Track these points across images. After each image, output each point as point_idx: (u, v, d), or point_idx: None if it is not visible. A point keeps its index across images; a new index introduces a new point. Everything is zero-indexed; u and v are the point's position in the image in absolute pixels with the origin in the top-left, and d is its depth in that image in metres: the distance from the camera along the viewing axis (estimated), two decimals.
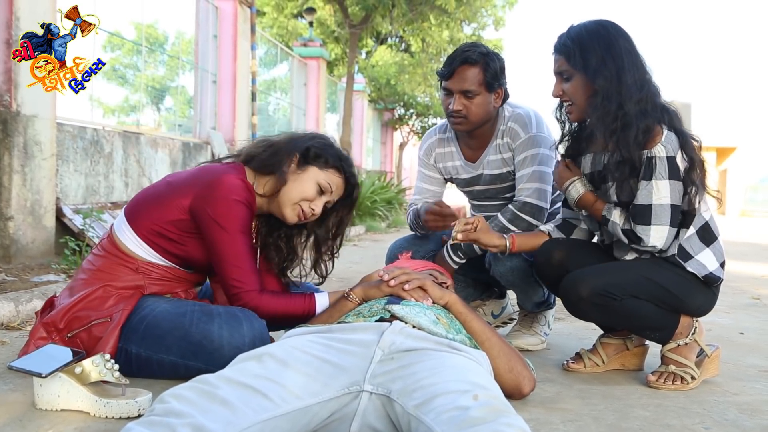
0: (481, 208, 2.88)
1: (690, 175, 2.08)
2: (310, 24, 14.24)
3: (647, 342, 2.41)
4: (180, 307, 2.03)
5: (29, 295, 3.03)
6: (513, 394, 1.84)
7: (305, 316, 2.09)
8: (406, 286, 1.93)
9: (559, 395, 2.06)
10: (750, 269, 6.18)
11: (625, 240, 2.15)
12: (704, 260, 2.15)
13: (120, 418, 1.72)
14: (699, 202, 2.13)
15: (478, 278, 2.93)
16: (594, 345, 2.40)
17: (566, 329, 3.09)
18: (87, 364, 1.74)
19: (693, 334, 2.22)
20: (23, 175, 4.30)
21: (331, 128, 16.68)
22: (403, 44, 19.93)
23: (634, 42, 2.17)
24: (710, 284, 2.18)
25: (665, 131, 2.07)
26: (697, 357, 2.23)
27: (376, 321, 1.74)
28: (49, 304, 2.11)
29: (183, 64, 9.03)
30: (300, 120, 12.51)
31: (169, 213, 2.05)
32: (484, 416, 1.26)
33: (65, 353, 1.82)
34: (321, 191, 2.14)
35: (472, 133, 2.71)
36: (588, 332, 2.98)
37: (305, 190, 2.12)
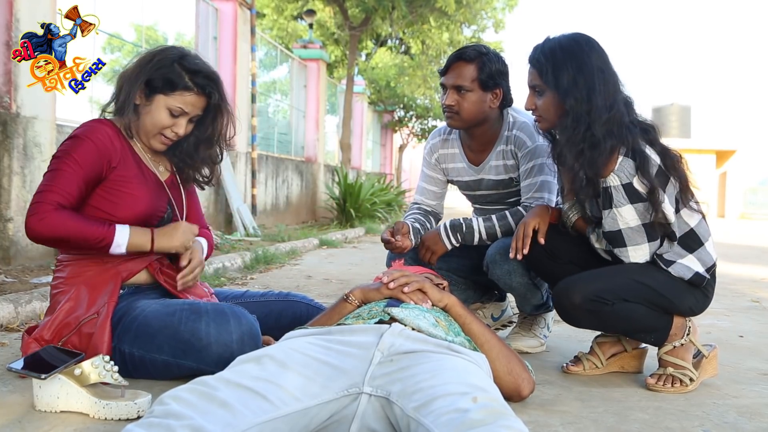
0: (483, 212, 2.88)
1: (654, 195, 2.06)
2: (310, 26, 14.24)
3: (645, 344, 2.41)
4: (169, 306, 2.03)
5: (29, 296, 3.03)
6: (512, 396, 1.84)
7: (98, 245, 2.00)
8: (406, 289, 1.93)
9: (559, 397, 2.06)
10: (749, 272, 6.18)
11: (610, 258, 2.18)
12: (689, 263, 2.16)
13: (119, 419, 1.72)
14: (678, 212, 2.14)
15: (477, 281, 2.93)
16: (591, 346, 2.40)
17: (565, 332, 3.09)
18: (86, 365, 1.74)
19: (687, 334, 2.22)
20: (23, 176, 4.30)
21: (330, 130, 16.68)
22: (403, 46, 19.94)
23: (607, 56, 2.17)
24: (697, 285, 2.18)
25: (620, 158, 2.07)
26: (694, 358, 2.23)
27: (376, 323, 1.74)
28: (32, 331, 2.10)
29: None
30: (300, 122, 12.51)
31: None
32: (484, 418, 1.26)
33: (64, 355, 1.83)
34: (175, 115, 2.11)
35: (472, 134, 2.70)
36: (588, 335, 2.97)
37: (157, 120, 2.10)
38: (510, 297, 3.05)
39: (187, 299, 2.12)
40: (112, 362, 1.77)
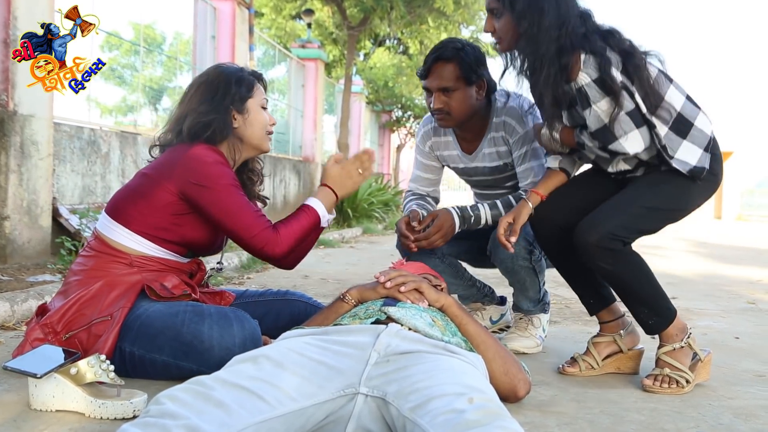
0: (483, 196, 2.90)
1: (617, 95, 2.08)
2: (309, 25, 14.24)
3: (641, 345, 2.42)
4: (173, 307, 2.03)
5: (25, 295, 3.02)
6: (508, 397, 1.84)
7: (318, 227, 2.21)
8: (402, 288, 1.93)
9: (555, 399, 2.06)
10: (746, 273, 6.19)
11: (607, 155, 2.20)
12: (684, 156, 2.17)
13: (115, 419, 1.72)
14: (652, 113, 2.13)
15: (482, 263, 2.92)
16: (587, 347, 2.41)
17: (562, 333, 3.09)
18: (82, 364, 1.74)
19: (688, 338, 2.23)
20: (20, 174, 4.30)
21: (328, 130, 16.68)
22: (401, 46, 19.95)
23: None
24: (696, 177, 2.19)
25: (583, 57, 2.09)
26: (690, 361, 2.24)
27: (372, 323, 1.74)
28: (42, 311, 2.11)
29: (181, 65, 9.03)
30: (298, 121, 12.51)
31: (157, 201, 2.07)
32: (480, 419, 1.26)
33: (60, 354, 1.82)
34: (264, 107, 2.28)
35: (463, 126, 2.71)
36: (584, 335, 2.98)
37: (262, 120, 2.25)
38: (510, 300, 3.05)
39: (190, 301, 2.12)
40: (108, 361, 1.77)
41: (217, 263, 2.46)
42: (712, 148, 2.21)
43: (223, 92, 2.19)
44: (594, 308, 2.43)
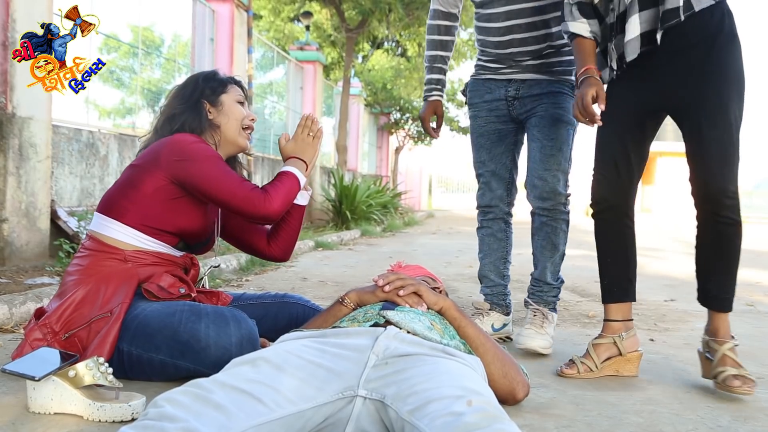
0: (491, 18, 2.81)
1: None
2: (307, 28, 14.25)
3: (640, 348, 2.42)
4: (170, 306, 2.04)
5: (23, 297, 3.02)
6: (507, 399, 1.84)
7: (298, 186, 2.27)
8: (401, 292, 1.93)
9: (553, 401, 2.06)
10: (744, 275, 6.19)
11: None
12: None
13: (113, 422, 1.71)
14: None
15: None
16: (586, 349, 2.41)
17: (560, 335, 3.09)
18: (80, 367, 1.74)
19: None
20: (18, 177, 4.29)
21: (327, 132, 16.67)
22: (400, 49, 19.95)
23: None
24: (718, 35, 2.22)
25: None
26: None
27: (371, 326, 1.75)
28: (39, 315, 2.11)
29: (179, 67, 9.03)
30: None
31: (147, 188, 2.11)
32: (478, 422, 1.26)
33: (58, 356, 1.82)
34: (241, 103, 2.35)
35: None
36: (582, 338, 2.98)
37: (237, 113, 2.31)
38: (515, 302, 3.04)
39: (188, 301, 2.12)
40: (106, 364, 1.77)
41: (213, 259, 2.48)
42: (722, 3, 2.23)
43: (192, 88, 2.30)
44: (612, 297, 2.42)
